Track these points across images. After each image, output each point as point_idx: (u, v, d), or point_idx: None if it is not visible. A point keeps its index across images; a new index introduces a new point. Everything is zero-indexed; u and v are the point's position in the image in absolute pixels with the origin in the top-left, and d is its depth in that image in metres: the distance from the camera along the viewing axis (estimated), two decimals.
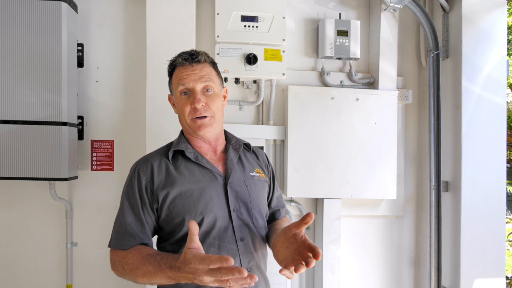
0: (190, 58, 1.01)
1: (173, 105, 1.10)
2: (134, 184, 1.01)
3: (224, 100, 1.09)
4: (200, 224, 0.96)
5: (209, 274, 0.72)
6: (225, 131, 1.15)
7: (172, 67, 1.06)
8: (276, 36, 1.74)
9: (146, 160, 1.04)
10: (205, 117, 1.00)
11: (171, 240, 1.00)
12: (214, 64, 1.07)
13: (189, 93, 1.01)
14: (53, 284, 1.79)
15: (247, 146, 1.16)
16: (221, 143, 1.10)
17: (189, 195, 0.98)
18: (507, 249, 5.22)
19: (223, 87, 1.10)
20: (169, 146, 1.09)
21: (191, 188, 0.99)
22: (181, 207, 0.97)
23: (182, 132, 1.11)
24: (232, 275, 0.70)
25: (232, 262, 0.71)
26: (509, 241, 5.46)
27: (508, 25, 3.79)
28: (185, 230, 0.97)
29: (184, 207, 0.97)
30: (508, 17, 3.62)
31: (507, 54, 3.95)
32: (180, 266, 0.78)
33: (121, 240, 0.96)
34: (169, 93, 1.12)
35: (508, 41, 4.01)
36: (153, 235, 1.04)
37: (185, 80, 1.00)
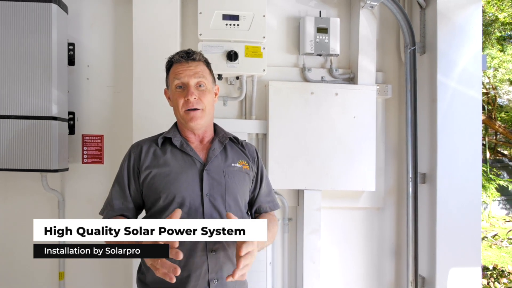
0: (186, 56, 1.13)
1: (169, 98, 1.21)
2: (125, 163, 1.18)
3: (215, 97, 1.21)
4: (171, 203, 1.08)
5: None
6: (215, 125, 1.26)
7: (170, 64, 1.18)
8: (256, 33, 1.81)
9: (138, 144, 1.21)
10: (197, 109, 1.11)
11: (149, 213, 1.17)
12: (208, 64, 1.19)
13: (184, 87, 1.12)
14: (46, 271, 1.88)
15: (236, 139, 1.25)
16: (209, 134, 1.21)
17: (167, 175, 1.11)
18: (506, 246, 5.20)
19: (215, 85, 1.22)
20: (161, 134, 1.21)
21: (170, 170, 1.11)
22: (158, 185, 1.10)
23: (175, 123, 1.23)
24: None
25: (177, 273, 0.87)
26: (508, 239, 5.43)
27: (502, 22, 3.80)
28: (159, 205, 1.10)
29: (160, 186, 1.10)
30: (499, 13, 3.64)
31: (501, 50, 3.96)
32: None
33: (104, 209, 1.18)
34: (165, 87, 1.23)
35: (503, 38, 4.01)
36: (141, 209, 1.22)
37: (181, 75, 1.11)
